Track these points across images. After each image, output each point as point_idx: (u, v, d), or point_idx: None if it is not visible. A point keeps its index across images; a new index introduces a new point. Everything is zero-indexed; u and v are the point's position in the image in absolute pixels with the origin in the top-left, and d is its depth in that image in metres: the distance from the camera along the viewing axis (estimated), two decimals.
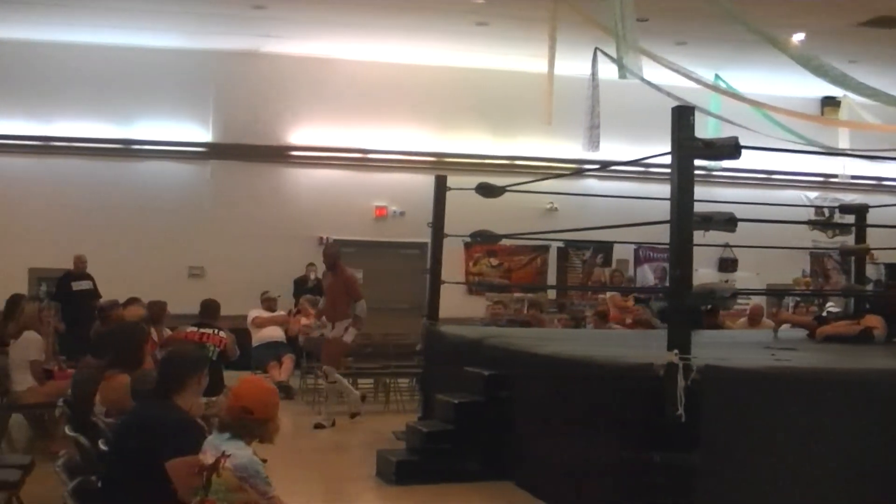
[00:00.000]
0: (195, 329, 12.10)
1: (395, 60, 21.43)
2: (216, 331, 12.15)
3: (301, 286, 19.80)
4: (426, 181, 15.34)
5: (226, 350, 12.12)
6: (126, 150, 20.79)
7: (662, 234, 8.27)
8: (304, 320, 17.74)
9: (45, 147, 20.44)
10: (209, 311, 12.55)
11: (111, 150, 20.67)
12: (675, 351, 7.51)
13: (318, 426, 13.77)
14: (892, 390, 7.73)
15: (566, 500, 9.29)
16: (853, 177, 23.48)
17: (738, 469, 7.37)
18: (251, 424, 5.44)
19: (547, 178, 15.75)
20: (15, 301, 12.85)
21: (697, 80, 14.78)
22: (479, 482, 10.36)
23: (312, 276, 19.86)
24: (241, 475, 5.25)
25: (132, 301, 13.25)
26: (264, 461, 5.45)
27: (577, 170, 19.76)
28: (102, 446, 6.75)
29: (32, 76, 20.23)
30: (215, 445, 5.41)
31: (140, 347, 8.38)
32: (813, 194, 24.49)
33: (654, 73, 14.04)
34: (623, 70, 12.77)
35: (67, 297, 16.49)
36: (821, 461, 7.43)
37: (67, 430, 7.57)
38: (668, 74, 14.21)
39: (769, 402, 7.51)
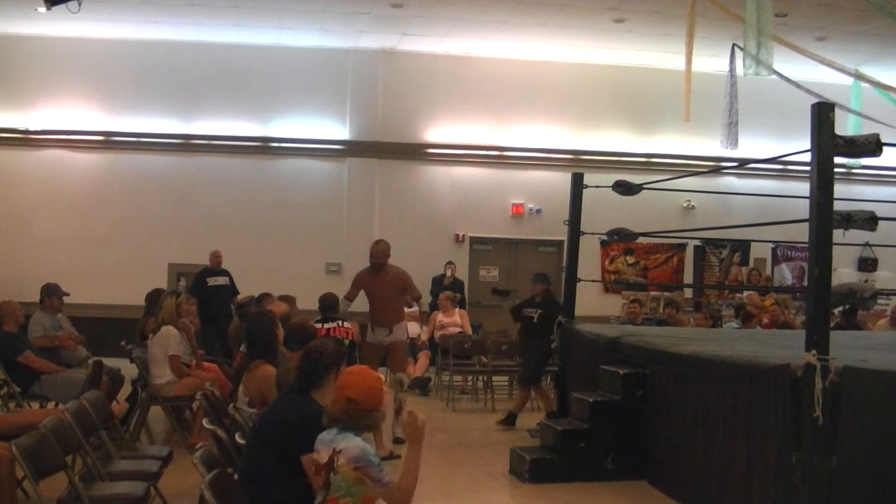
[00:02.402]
0: (319, 325, 12.15)
1: (533, 57, 21.41)
2: (340, 322, 12.19)
3: (439, 283, 19.83)
4: (563, 179, 15.36)
5: (354, 339, 12.23)
6: (265, 147, 21.12)
7: (801, 233, 8.17)
8: (440, 317, 17.84)
9: (185, 145, 20.89)
10: (328, 304, 12.57)
11: (250, 148, 21.01)
12: (814, 352, 7.41)
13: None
14: None
15: (701, 501, 9.22)
16: None
17: (877, 473, 7.22)
18: (358, 415, 5.43)
19: (685, 176, 15.56)
20: (155, 296, 13.09)
21: (842, 69, 14.54)
22: (613, 481, 10.35)
23: (449, 273, 19.91)
24: (356, 465, 5.25)
25: (265, 296, 13.43)
26: (398, 456, 5.45)
27: (716, 167, 19.53)
28: (239, 440, 6.87)
29: (174, 75, 20.72)
30: (327, 442, 5.43)
31: (275, 337, 8.51)
32: None
33: (792, 69, 13.85)
34: (759, 66, 12.58)
35: (203, 293, 16.54)
36: None
37: (205, 423, 7.71)
38: (806, 72, 14.01)
39: None
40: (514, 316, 14.67)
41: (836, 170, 7.79)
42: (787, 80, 13.38)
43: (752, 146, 17.31)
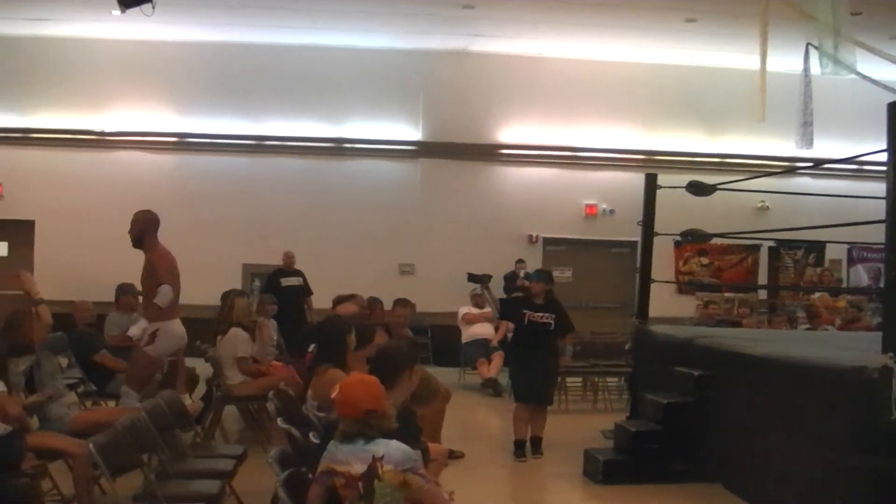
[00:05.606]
0: None
1: (604, 58, 21.32)
2: None
3: (511, 283, 19.77)
4: (636, 179, 15.29)
5: None
6: (337, 148, 21.21)
7: (877, 234, 8.06)
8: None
9: (259, 146, 21.06)
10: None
11: (323, 149, 21.13)
12: (890, 353, 7.32)
13: None
14: None
15: None
16: None
17: None
18: (377, 423, 5.35)
19: (758, 177, 15.43)
20: (227, 296, 13.16)
21: None
22: (687, 483, 10.27)
23: (522, 274, 19.82)
24: (404, 469, 5.21)
25: (349, 297, 13.40)
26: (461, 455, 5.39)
27: (790, 168, 19.34)
28: (314, 439, 6.89)
29: (246, 77, 20.87)
30: (357, 452, 5.29)
31: (344, 341, 8.48)
32: None
33: (866, 65, 13.68)
34: (837, 66, 12.43)
35: (276, 293, 16.42)
36: None
37: (279, 423, 7.75)
38: (881, 69, 13.83)
39: None
40: (508, 315, 13.01)
41: None
42: (865, 77, 13.23)
43: (825, 146, 17.08)
